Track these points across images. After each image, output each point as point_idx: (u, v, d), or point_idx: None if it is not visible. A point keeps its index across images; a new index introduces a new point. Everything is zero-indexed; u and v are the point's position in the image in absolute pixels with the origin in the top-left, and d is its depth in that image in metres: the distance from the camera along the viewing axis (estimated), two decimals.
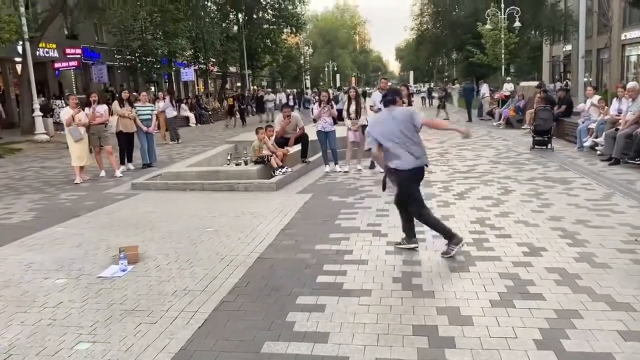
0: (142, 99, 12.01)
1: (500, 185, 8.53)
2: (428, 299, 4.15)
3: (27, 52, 18.03)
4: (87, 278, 4.88)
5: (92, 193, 9.17)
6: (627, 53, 33.67)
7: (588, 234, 5.67)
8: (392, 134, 5.06)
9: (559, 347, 3.32)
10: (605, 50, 35.79)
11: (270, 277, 4.77)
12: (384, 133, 5.10)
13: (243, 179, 9.06)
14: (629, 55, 33.67)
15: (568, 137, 13.80)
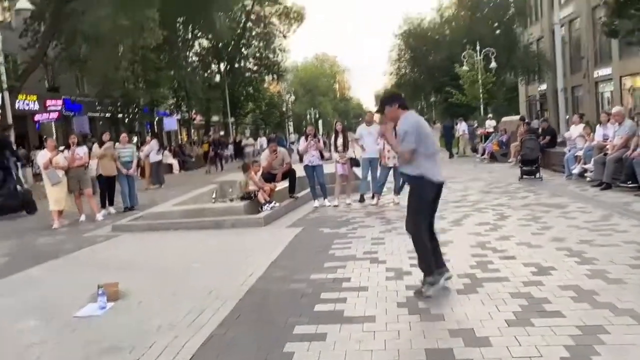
0: (122, 141, 11.71)
1: (495, 212, 8.29)
2: (438, 322, 3.81)
3: (5, 102, 17.73)
4: (62, 318, 4.45)
5: (71, 237, 8.72)
6: (600, 90, 34.47)
7: (595, 252, 5.41)
8: (434, 142, 4.86)
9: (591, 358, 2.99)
10: (579, 88, 36.74)
11: (262, 308, 4.40)
12: (429, 136, 4.69)
13: (229, 216, 8.71)
14: (602, 92, 34.46)
15: (555, 167, 13.74)
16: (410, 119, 4.56)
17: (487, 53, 31.38)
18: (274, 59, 38.06)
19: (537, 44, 41.69)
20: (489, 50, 31.25)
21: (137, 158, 11.85)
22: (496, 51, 31.45)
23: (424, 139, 4.50)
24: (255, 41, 37.94)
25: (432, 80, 40.41)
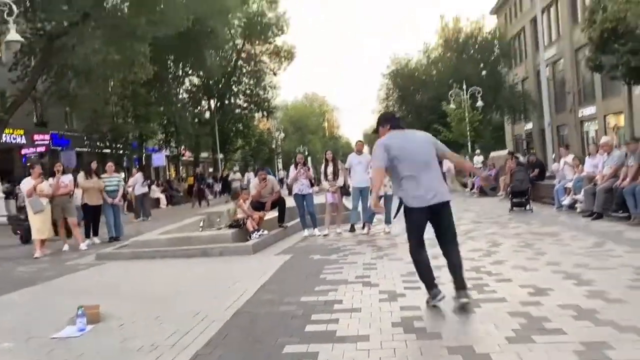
0: (108, 170, 11.55)
1: (487, 240, 8.18)
2: (436, 340, 3.64)
3: None
4: (38, 340, 4.20)
5: (53, 265, 8.45)
6: (585, 128, 35.05)
7: (592, 275, 5.29)
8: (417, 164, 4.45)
9: None
10: (564, 127, 37.35)
11: (251, 329, 4.20)
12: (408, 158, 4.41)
13: (217, 244, 8.51)
14: (587, 130, 35.02)
15: (545, 200, 13.73)
16: (384, 139, 4.48)
17: (474, 92, 31.95)
18: (264, 96, 38.38)
19: (522, 84, 42.57)
20: (475, 89, 31.82)
21: (122, 188, 11.65)
22: (482, 90, 32.03)
23: (401, 160, 4.32)
24: (246, 78, 38.33)
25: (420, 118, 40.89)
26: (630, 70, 13.06)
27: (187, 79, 35.49)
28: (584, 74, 33.55)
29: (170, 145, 33.21)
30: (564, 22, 34.42)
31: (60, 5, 18.19)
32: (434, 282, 4.52)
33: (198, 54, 29.24)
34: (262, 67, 38.65)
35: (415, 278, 5.16)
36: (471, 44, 40.10)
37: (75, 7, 18.41)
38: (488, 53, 40.34)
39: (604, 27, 12.55)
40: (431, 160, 4.48)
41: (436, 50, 42.56)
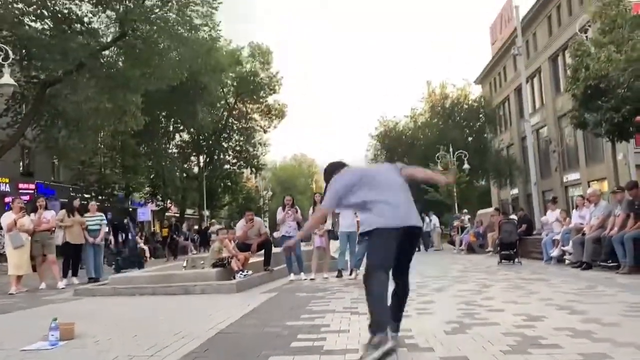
0: (91, 209, 11.33)
1: (477, 283, 8.04)
2: (428, 352, 3.48)
3: None
4: (7, 352, 3.95)
5: (29, 300, 8.09)
6: (570, 194, 35.51)
7: (585, 307, 5.17)
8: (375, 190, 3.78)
9: None
10: (549, 192, 37.80)
11: (233, 345, 4.00)
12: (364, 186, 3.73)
13: (200, 282, 8.25)
14: (572, 196, 35.47)
15: (533, 255, 13.65)
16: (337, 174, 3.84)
17: (460, 155, 32.50)
18: (253, 153, 38.68)
19: (507, 150, 43.45)
20: (462, 153, 32.39)
21: (104, 227, 11.39)
22: (468, 154, 32.61)
23: (363, 185, 3.67)
24: (236, 135, 38.74)
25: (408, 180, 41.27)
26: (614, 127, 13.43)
27: (178, 134, 35.76)
28: (568, 140, 34.45)
29: (157, 198, 32.94)
30: (547, 91, 35.64)
31: (56, 55, 18.48)
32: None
33: (190, 109, 29.61)
34: (253, 124, 39.18)
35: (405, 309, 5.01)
36: (457, 110, 41.18)
37: (71, 57, 18.71)
38: (474, 120, 41.40)
39: (587, 84, 13.01)
40: (401, 183, 3.87)
41: (423, 116, 43.59)
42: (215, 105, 35.10)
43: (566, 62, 24.62)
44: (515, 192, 43.02)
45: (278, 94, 39.21)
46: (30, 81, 21.55)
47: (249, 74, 37.21)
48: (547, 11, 34.66)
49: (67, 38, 18.90)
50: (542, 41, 35.96)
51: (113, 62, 22.80)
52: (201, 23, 22.66)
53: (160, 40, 21.46)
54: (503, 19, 39.40)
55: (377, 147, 43.64)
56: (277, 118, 39.70)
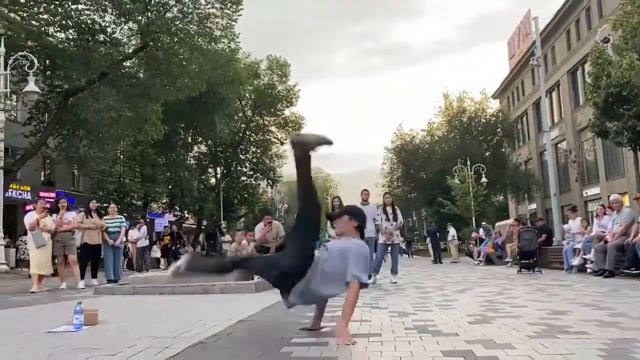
0: (110, 212, 11.46)
1: (497, 286, 7.96)
2: (453, 337, 3.43)
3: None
4: (32, 334, 3.99)
5: (49, 298, 8.17)
6: (590, 209, 35.01)
7: (611, 305, 5.08)
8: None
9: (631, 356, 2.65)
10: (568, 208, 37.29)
11: (256, 330, 4.00)
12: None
13: (219, 282, 8.26)
14: (591, 211, 34.98)
15: (553, 264, 13.47)
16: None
17: (478, 169, 32.29)
18: (269, 165, 38.87)
19: (525, 164, 43.05)
20: (479, 167, 32.18)
21: (124, 229, 11.51)
22: (486, 168, 32.39)
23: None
24: (253, 147, 38.99)
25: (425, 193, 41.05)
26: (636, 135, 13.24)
27: (196, 145, 36.11)
28: (587, 155, 34.06)
29: (175, 209, 33.19)
30: (566, 105, 35.35)
31: (79, 64, 18.86)
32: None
33: (208, 120, 29.92)
34: (270, 136, 39.42)
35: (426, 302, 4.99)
36: (475, 124, 40.98)
37: (93, 67, 19.08)
38: (491, 134, 41.16)
39: (609, 91, 12.88)
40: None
41: (440, 130, 43.43)
42: (233, 118, 35.40)
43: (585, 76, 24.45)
44: (534, 207, 42.51)
45: (295, 106, 39.50)
46: (53, 90, 22.02)
47: (266, 87, 37.55)
48: (566, 25, 34.54)
49: (90, 48, 19.32)
50: (560, 55, 35.79)
51: (134, 72, 23.24)
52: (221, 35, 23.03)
53: (181, 51, 21.84)
54: (521, 33, 39.35)
55: (393, 161, 43.56)
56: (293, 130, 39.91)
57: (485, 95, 43.66)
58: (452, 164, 34.22)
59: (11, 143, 20.13)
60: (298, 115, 40.20)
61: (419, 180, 42.17)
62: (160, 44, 21.19)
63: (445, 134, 42.30)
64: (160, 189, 29.20)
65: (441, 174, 35.81)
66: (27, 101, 19.72)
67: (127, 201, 26.69)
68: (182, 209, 33.27)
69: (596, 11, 30.36)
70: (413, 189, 43.78)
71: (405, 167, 43.01)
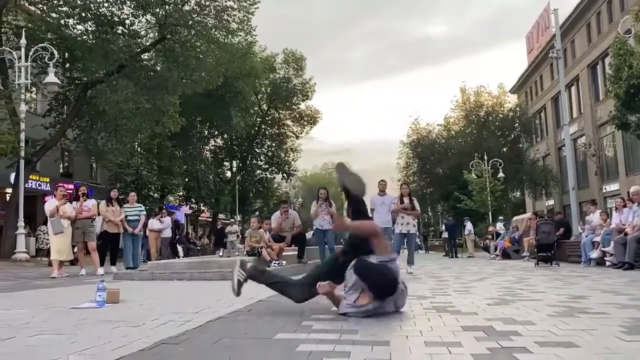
0: (130, 200, 11.59)
1: (514, 276, 7.91)
2: (471, 315, 3.44)
3: (20, 170, 17.88)
4: (57, 309, 4.08)
5: (70, 282, 8.32)
6: (609, 205, 34.56)
7: (631, 291, 5.04)
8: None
9: None
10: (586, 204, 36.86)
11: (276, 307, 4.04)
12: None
13: None
14: (610, 207, 34.54)
15: (571, 258, 13.34)
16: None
17: (495, 163, 32.04)
18: (285, 158, 38.97)
19: (543, 160, 42.58)
20: (496, 161, 31.92)
21: (144, 218, 11.62)
22: (503, 163, 32.11)
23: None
24: (268, 141, 39.11)
25: (441, 188, 40.84)
26: None
27: (212, 139, 36.32)
28: (607, 151, 33.60)
29: (191, 201, 33.44)
30: (585, 100, 34.88)
31: (98, 56, 19.08)
32: None
33: (224, 113, 30.06)
34: (285, 130, 39.50)
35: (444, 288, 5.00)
36: (492, 119, 40.60)
37: (112, 59, 19.29)
38: (509, 129, 40.75)
39: (630, 83, 12.68)
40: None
41: (457, 125, 43.09)
42: (249, 111, 35.51)
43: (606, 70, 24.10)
44: (551, 203, 42.03)
45: (310, 100, 39.49)
46: (72, 83, 22.30)
47: (282, 81, 37.58)
48: (586, 18, 34.03)
49: (109, 40, 19.50)
50: (580, 49, 35.29)
51: (152, 64, 23.44)
52: (237, 28, 23.10)
53: (198, 44, 21.97)
54: (540, 27, 38.84)
55: (409, 155, 43.29)
56: (309, 124, 39.94)
57: (503, 89, 43.17)
58: (468, 159, 33.98)
59: (31, 134, 20.41)
60: (313, 109, 40.19)
61: (435, 175, 41.89)
62: (178, 36, 21.33)
63: (462, 129, 41.93)
64: (177, 181, 29.45)
65: (458, 169, 35.56)
66: (47, 93, 20.08)
67: (144, 193, 26.92)
68: (198, 202, 33.49)
69: (618, 3, 29.86)
70: (429, 184, 43.48)
71: (421, 161, 42.71)
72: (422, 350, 2.31)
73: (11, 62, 17.65)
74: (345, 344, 2.47)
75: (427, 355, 2.20)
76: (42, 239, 19.55)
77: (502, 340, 2.50)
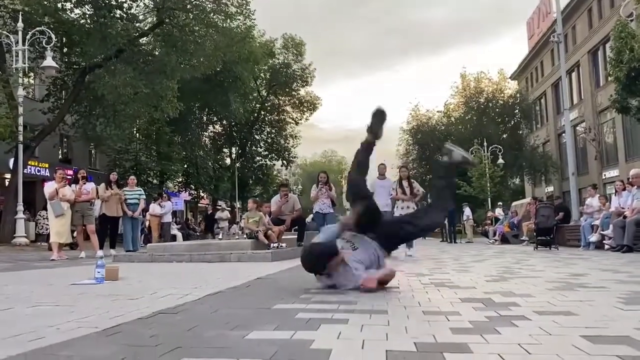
0: (130, 183, 11.58)
1: (513, 257, 7.93)
2: (471, 289, 3.44)
3: (19, 155, 17.83)
4: (57, 286, 4.09)
5: (69, 263, 8.33)
6: (608, 191, 34.58)
7: (630, 270, 5.04)
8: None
9: None
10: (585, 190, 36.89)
11: (274, 284, 4.04)
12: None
13: (236, 250, 8.35)
14: (610, 194, 34.56)
15: (570, 242, 13.39)
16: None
17: (495, 150, 32.01)
18: (284, 145, 38.87)
19: (543, 146, 42.54)
20: (496, 148, 31.90)
21: (143, 201, 11.62)
22: (503, 149, 32.08)
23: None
24: (268, 127, 38.99)
25: None
26: None
27: (211, 125, 36.21)
28: (607, 137, 33.56)
29: (190, 187, 33.41)
30: (586, 86, 34.75)
31: (96, 40, 18.95)
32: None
33: (223, 99, 29.93)
34: (285, 116, 39.36)
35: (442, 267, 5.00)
36: (492, 106, 40.51)
37: (110, 43, 19.16)
38: (509, 116, 40.67)
39: (631, 66, 12.62)
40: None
41: (457, 111, 42.99)
42: (248, 97, 35.37)
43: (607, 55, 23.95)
44: (550, 189, 42.04)
45: (310, 86, 39.30)
46: (70, 67, 22.17)
47: (281, 66, 37.36)
48: (588, 3, 33.80)
49: (107, 24, 19.35)
50: (582, 34, 35.09)
51: (150, 49, 23.30)
52: (236, 12, 22.94)
53: (196, 28, 21.81)
54: (541, 12, 38.63)
55: (408, 142, 43.22)
56: (308, 110, 39.77)
57: (504, 75, 43.04)
58: (468, 146, 33.92)
59: (29, 120, 20.33)
60: (313, 95, 40.02)
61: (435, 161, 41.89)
62: (176, 20, 21.18)
63: (462, 115, 41.86)
64: (176, 167, 29.41)
65: None
66: (45, 77, 19.95)
67: (143, 179, 26.90)
68: (198, 188, 33.46)
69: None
70: (428, 171, 43.49)
71: (421, 148, 42.67)
72: (420, 318, 2.31)
73: (8, 46, 17.55)
74: (344, 312, 2.47)
75: (425, 322, 2.19)
76: (42, 224, 19.55)
77: (501, 310, 2.50)
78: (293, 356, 1.61)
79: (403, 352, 1.65)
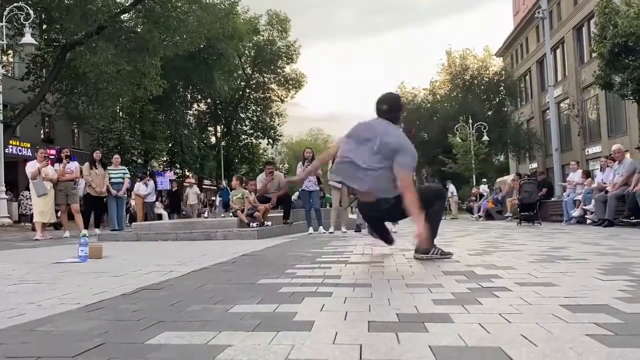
0: (114, 162, 11.45)
1: (497, 232, 8.02)
2: (454, 262, 3.48)
3: None
4: (40, 264, 4.05)
5: (53, 243, 8.26)
6: (591, 167, 35.02)
7: (610, 243, 5.12)
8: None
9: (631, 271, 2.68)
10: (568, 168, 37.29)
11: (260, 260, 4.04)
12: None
13: (221, 228, 8.34)
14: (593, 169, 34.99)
15: (553, 217, 13.57)
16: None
17: (480, 127, 32.14)
18: (270, 123, 38.64)
19: (527, 123, 42.82)
20: (481, 124, 32.02)
21: (128, 180, 11.49)
22: (488, 127, 32.21)
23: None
24: (253, 105, 38.67)
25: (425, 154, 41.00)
26: None
27: (196, 103, 35.82)
28: (590, 113, 33.85)
29: (175, 166, 33.18)
30: (570, 63, 34.90)
31: (76, 17, 18.52)
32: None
33: (207, 76, 29.57)
34: (270, 94, 39.04)
35: None
36: (477, 83, 40.56)
37: (90, 20, 18.75)
38: (494, 93, 40.77)
39: (615, 42, 12.67)
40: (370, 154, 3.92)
41: (442, 89, 43.01)
42: (233, 75, 34.98)
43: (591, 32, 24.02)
44: (534, 166, 42.45)
45: (295, 63, 38.94)
46: (50, 45, 21.68)
47: (266, 43, 36.92)
48: None
49: (87, 0, 18.92)
50: (566, 11, 35.10)
51: (132, 26, 22.84)
52: None
53: (179, 4, 21.42)
54: None
55: None
56: (294, 88, 39.48)
57: (489, 52, 43.01)
58: (453, 123, 34.03)
59: (9, 99, 19.92)
60: (299, 73, 39.67)
61: (420, 140, 41.97)
62: None
63: (447, 93, 41.90)
64: (160, 146, 29.13)
65: (442, 133, 35.64)
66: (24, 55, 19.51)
67: (127, 157, 26.64)
68: (183, 167, 33.25)
69: None
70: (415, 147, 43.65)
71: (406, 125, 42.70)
72: (403, 290, 2.32)
73: None
74: (328, 286, 2.48)
75: (408, 294, 2.21)
76: (25, 204, 19.34)
77: (483, 282, 2.53)
78: (276, 328, 1.62)
79: (385, 323, 1.67)
